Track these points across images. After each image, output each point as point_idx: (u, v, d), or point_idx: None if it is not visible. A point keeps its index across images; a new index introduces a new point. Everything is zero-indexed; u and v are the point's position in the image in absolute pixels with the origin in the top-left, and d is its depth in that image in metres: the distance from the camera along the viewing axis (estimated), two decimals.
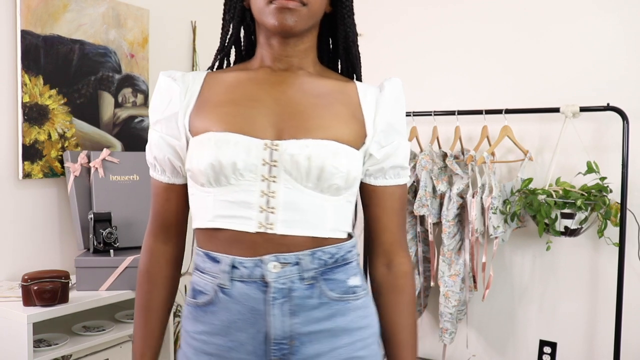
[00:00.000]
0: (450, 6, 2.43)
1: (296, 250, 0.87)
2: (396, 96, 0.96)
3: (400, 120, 0.96)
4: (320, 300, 0.88)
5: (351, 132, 0.91)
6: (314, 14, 0.90)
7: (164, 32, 2.39)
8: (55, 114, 1.97)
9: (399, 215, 0.98)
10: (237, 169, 0.85)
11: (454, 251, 2.18)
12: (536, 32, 2.24)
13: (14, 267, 1.89)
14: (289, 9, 0.85)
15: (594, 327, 2.17)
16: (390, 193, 0.96)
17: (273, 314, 0.86)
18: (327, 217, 0.89)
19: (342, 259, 0.91)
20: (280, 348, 0.87)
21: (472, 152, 2.13)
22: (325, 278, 0.89)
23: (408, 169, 0.98)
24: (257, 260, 0.86)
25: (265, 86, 0.93)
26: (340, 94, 0.94)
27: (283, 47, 0.93)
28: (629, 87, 2.06)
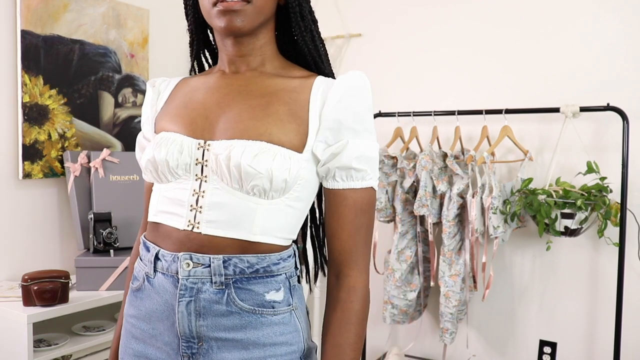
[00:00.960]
0: (450, 6, 2.43)
1: (215, 251, 0.86)
2: (349, 88, 0.87)
3: (352, 117, 0.86)
4: (229, 308, 0.86)
5: (288, 132, 0.86)
6: (260, 10, 0.87)
7: (164, 32, 2.39)
8: (55, 114, 1.97)
9: (352, 223, 0.88)
10: (170, 166, 0.88)
11: (454, 251, 2.18)
12: (536, 32, 2.24)
13: (14, 267, 1.89)
14: (234, 10, 0.84)
15: (594, 327, 2.17)
16: (342, 197, 0.88)
17: (180, 310, 0.87)
18: (255, 221, 0.85)
19: (264, 271, 0.87)
20: (189, 346, 0.87)
21: (472, 152, 2.13)
22: (239, 287, 0.86)
23: (366, 171, 0.87)
24: (174, 255, 0.87)
25: (212, 90, 0.94)
26: (288, 92, 0.89)
27: (237, 47, 0.92)
28: (629, 87, 2.06)
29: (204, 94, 0.94)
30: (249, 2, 0.85)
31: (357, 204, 0.88)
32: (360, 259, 0.89)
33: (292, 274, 0.91)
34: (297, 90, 0.90)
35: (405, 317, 2.30)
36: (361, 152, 0.86)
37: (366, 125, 0.87)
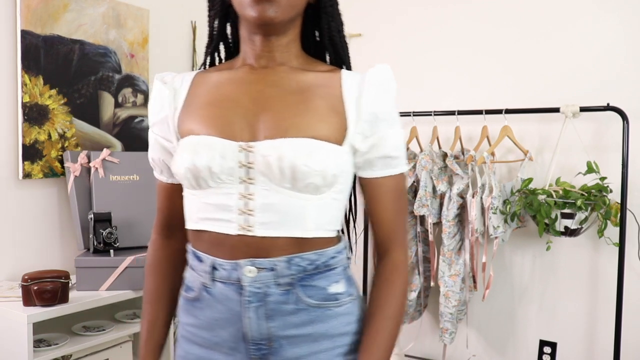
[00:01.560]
0: (450, 6, 2.43)
1: (275, 254, 0.86)
2: (380, 83, 0.89)
3: (386, 108, 0.89)
4: (297, 306, 0.87)
5: (330, 127, 0.87)
6: (294, 4, 0.87)
7: (164, 32, 2.39)
8: (55, 114, 1.97)
9: (393, 207, 0.92)
10: (213, 172, 0.85)
11: (454, 251, 2.18)
12: (536, 32, 2.24)
13: (14, 267, 1.89)
14: (268, 0, 0.83)
15: (594, 327, 2.17)
16: (381, 184, 0.91)
17: (249, 316, 0.87)
18: (308, 217, 0.86)
19: (324, 266, 0.89)
20: (259, 348, 0.88)
21: (472, 152, 2.13)
22: (303, 284, 0.88)
23: (400, 157, 0.91)
24: (234, 264, 0.87)
25: (244, 86, 0.92)
26: (321, 87, 0.90)
27: (265, 43, 0.91)
28: (629, 87, 2.06)
29: (234, 91, 0.92)
30: None
31: (396, 188, 0.93)
32: (402, 238, 0.94)
33: (347, 265, 0.95)
34: (328, 84, 0.90)
35: (405, 317, 2.30)
36: (397, 141, 0.91)
37: (396, 115, 0.92)
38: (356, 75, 0.91)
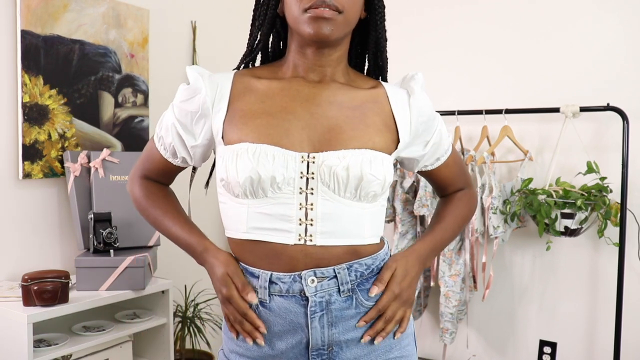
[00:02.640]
0: (450, 7, 2.43)
1: (334, 262, 0.88)
2: (421, 90, 0.99)
3: (430, 110, 1.00)
4: (357, 309, 0.90)
5: (383, 139, 0.93)
6: (349, 21, 0.90)
7: (164, 32, 2.39)
8: (55, 114, 1.97)
9: (459, 169, 1.09)
10: (276, 182, 0.86)
11: (454, 251, 2.18)
12: (536, 32, 2.24)
13: (14, 267, 1.89)
14: (325, 18, 0.85)
15: (594, 327, 2.17)
16: (447, 164, 1.06)
17: (313, 326, 0.88)
18: (365, 225, 0.90)
19: (378, 268, 0.93)
20: (319, 354, 0.90)
21: (472, 152, 2.13)
22: (362, 289, 0.90)
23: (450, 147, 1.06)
24: (295, 276, 0.87)
25: (299, 98, 0.93)
26: (372, 103, 0.96)
27: (317, 56, 0.93)
28: (629, 87, 2.06)
29: (290, 103, 0.92)
30: (340, 12, 0.86)
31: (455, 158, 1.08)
32: (467, 179, 1.11)
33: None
34: (378, 100, 0.96)
35: None
36: (443, 127, 1.04)
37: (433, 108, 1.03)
38: (399, 91, 0.99)
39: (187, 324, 2.33)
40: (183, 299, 2.45)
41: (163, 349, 2.02)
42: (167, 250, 2.41)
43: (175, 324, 2.31)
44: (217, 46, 2.67)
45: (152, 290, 1.92)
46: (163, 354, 2.03)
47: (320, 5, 0.85)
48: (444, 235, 1.03)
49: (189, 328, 2.33)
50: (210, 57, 2.62)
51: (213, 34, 2.65)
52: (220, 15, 2.69)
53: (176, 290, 2.44)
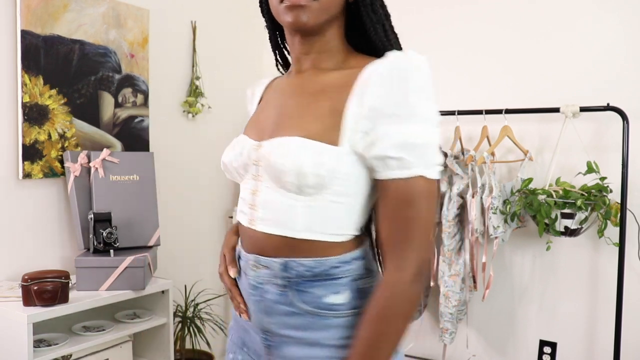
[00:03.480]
0: (450, 7, 2.43)
1: (272, 253, 0.88)
2: (388, 73, 0.81)
3: (391, 102, 0.79)
4: (292, 309, 0.87)
5: (322, 126, 0.84)
6: (326, 7, 0.87)
7: (164, 32, 2.39)
8: (55, 114, 1.97)
9: (392, 216, 0.81)
10: (234, 167, 0.94)
11: (454, 251, 2.18)
12: (536, 32, 2.24)
13: (14, 267, 1.89)
14: (300, 6, 0.85)
15: (594, 327, 2.17)
16: (384, 188, 0.82)
17: (252, 309, 0.93)
18: (297, 217, 0.85)
19: (325, 274, 0.85)
20: (266, 338, 0.92)
21: (472, 152, 2.13)
22: (299, 289, 0.86)
23: (403, 159, 0.79)
24: (246, 256, 0.93)
25: (281, 91, 0.98)
26: (335, 87, 0.87)
27: (304, 45, 0.93)
28: (629, 87, 2.06)
29: (276, 96, 0.99)
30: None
31: (399, 195, 0.80)
32: (400, 255, 0.80)
33: (361, 277, 0.88)
34: (344, 84, 0.86)
35: None
36: (400, 139, 0.78)
37: (412, 109, 0.79)
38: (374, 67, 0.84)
39: (187, 324, 2.33)
40: (183, 299, 2.45)
41: (163, 349, 2.02)
42: (167, 250, 2.41)
43: (175, 324, 2.31)
44: (217, 46, 2.67)
45: (152, 290, 1.92)
46: (163, 354, 2.03)
47: None
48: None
49: (189, 328, 2.33)
50: (210, 57, 2.63)
51: (213, 34, 2.65)
52: (220, 15, 2.69)
53: (176, 290, 2.44)
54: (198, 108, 2.49)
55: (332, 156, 0.82)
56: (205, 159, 2.63)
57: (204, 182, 2.64)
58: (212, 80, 2.64)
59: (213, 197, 2.70)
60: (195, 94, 2.50)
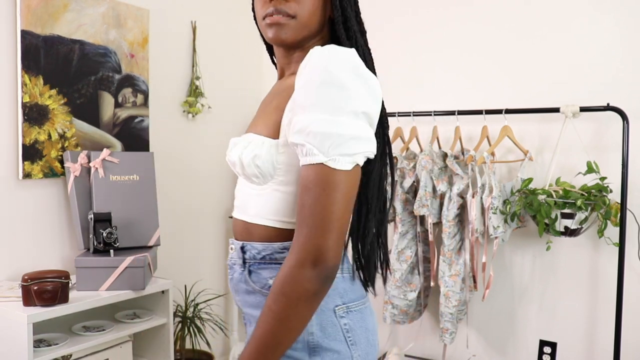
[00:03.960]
0: (450, 7, 2.43)
1: (239, 237, 0.99)
2: (303, 67, 0.86)
3: (301, 93, 0.84)
4: (248, 287, 0.96)
5: (268, 122, 0.93)
6: (304, 24, 0.94)
7: (164, 32, 2.39)
8: (55, 114, 1.97)
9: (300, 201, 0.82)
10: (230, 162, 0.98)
11: (454, 251, 2.18)
12: (536, 32, 2.24)
13: (14, 267, 1.89)
14: (279, 24, 0.92)
15: (594, 327, 2.17)
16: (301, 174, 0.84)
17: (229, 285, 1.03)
18: (250, 204, 0.95)
19: (270, 258, 0.93)
20: (243, 316, 1.02)
21: (472, 152, 2.13)
22: (252, 270, 0.96)
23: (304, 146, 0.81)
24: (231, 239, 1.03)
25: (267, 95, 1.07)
26: (288, 87, 0.94)
27: (286, 57, 1.01)
28: (628, 87, 2.06)
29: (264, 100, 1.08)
30: (293, 17, 0.92)
31: (302, 181, 0.83)
32: (295, 239, 0.82)
33: None
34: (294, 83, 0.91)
35: (406, 317, 2.30)
36: (301, 126, 0.82)
37: (313, 100, 0.82)
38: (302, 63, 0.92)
39: (187, 324, 2.33)
40: (183, 299, 2.45)
41: (163, 349, 2.02)
42: (167, 250, 2.41)
43: (175, 324, 2.31)
44: (217, 46, 2.67)
45: (152, 290, 1.92)
46: (163, 354, 2.03)
47: (273, 13, 0.92)
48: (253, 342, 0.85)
49: (189, 328, 2.33)
50: (210, 57, 2.63)
51: (213, 34, 2.65)
52: (220, 15, 2.69)
53: (176, 290, 2.44)
54: (198, 108, 2.49)
55: (268, 148, 0.90)
56: (205, 159, 2.63)
57: (204, 182, 2.64)
58: (212, 80, 2.64)
59: (213, 197, 2.70)
60: (195, 94, 2.50)
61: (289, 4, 0.92)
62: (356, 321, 0.94)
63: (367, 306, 0.99)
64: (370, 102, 0.85)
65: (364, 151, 0.83)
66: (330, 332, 0.90)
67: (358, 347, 0.93)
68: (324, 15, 0.96)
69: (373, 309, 1.02)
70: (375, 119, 0.87)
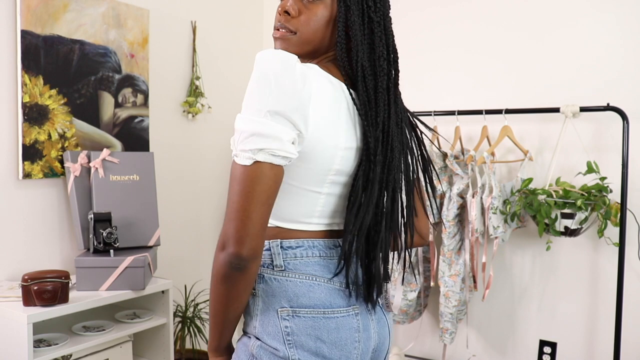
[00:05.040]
0: (450, 7, 2.43)
1: None
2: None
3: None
4: None
5: None
6: (305, 41, 0.98)
7: (164, 32, 2.39)
8: (55, 114, 1.97)
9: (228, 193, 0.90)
10: None
11: (454, 251, 2.18)
12: (536, 32, 2.24)
13: (14, 267, 1.89)
14: (282, 38, 0.99)
15: (594, 327, 2.17)
16: None
17: None
18: None
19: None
20: None
21: (472, 152, 2.13)
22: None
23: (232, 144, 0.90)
24: None
25: None
26: None
27: None
28: (628, 87, 2.06)
29: None
30: (294, 33, 0.98)
31: (232, 174, 0.89)
32: (223, 228, 0.89)
33: (266, 265, 0.96)
34: None
35: (406, 317, 2.30)
36: (236, 123, 0.89)
37: (244, 101, 0.89)
38: None
39: (187, 324, 2.33)
40: (183, 299, 2.45)
41: (163, 349, 2.02)
42: (167, 250, 2.41)
43: (175, 324, 2.31)
44: (217, 46, 2.67)
45: (152, 290, 1.92)
46: (163, 354, 2.03)
47: (279, 27, 0.99)
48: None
49: (189, 328, 2.33)
50: (210, 57, 2.63)
51: (213, 34, 2.65)
52: (220, 15, 2.69)
53: (176, 290, 2.44)
54: (198, 108, 2.49)
55: None
56: (205, 159, 2.63)
57: (204, 182, 2.64)
58: (212, 80, 2.64)
59: (213, 197, 2.70)
60: (195, 94, 2.50)
61: (292, 21, 0.98)
62: (303, 327, 0.92)
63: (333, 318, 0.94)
64: (286, 101, 0.86)
65: (265, 148, 0.85)
66: (270, 331, 0.93)
67: (300, 351, 0.91)
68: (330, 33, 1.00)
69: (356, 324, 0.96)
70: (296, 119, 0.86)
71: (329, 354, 0.92)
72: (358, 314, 0.96)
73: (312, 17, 0.97)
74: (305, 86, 0.88)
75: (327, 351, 0.92)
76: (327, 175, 0.94)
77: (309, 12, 0.98)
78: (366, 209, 0.95)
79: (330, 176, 0.94)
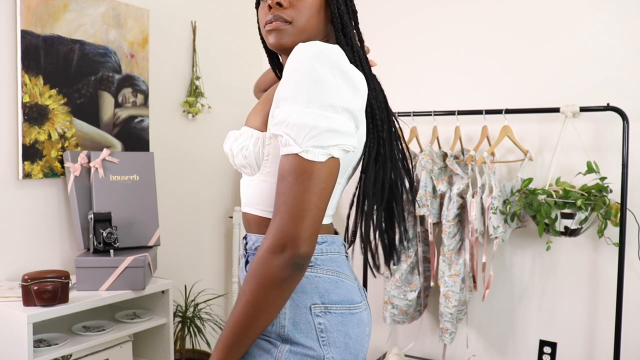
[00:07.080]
0: (450, 7, 2.43)
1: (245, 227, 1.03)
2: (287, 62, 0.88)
3: (282, 86, 0.87)
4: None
5: (258, 117, 0.98)
6: (302, 29, 0.98)
7: (164, 32, 2.39)
8: (55, 114, 1.97)
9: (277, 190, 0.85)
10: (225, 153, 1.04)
11: (454, 251, 2.18)
12: (536, 32, 2.24)
13: (14, 267, 1.89)
14: (277, 30, 0.97)
15: (594, 327, 2.17)
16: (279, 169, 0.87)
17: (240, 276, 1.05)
18: (244, 194, 1.01)
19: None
20: None
21: (472, 152, 2.13)
22: (249, 260, 1.01)
23: (282, 136, 0.84)
24: None
25: None
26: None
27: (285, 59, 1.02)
28: (629, 87, 2.06)
29: None
30: (290, 22, 0.97)
31: (279, 170, 0.85)
32: (270, 225, 0.84)
33: None
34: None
35: (406, 317, 2.30)
36: (280, 118, 0.85)
37: (292, 92, 0.85)
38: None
39: (187, 324, 2.33)
40: (183, 299, 2.45)
41: (163, 349, 2.02)
42: (167, 250, 2.41)
43: (175, 324, 2.31)
44: (217, 46, 2.67)
45: (152, 290, 1.92)
46: (163, 354, 2.03)
47: (272, 20, 0.98)
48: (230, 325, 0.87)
49: (189, 328, 2.33)
50: (210, 57, 2.63)
51: (213, 34, 2.65)
52: (220, 15, 2.69)
53: (176, 290, 2.44)
54: (198, 108, 2.49)
55: (256, 140, 0.95)
56: (205, 159, 2.63)
57: (203, 182, 2.64)
58: (212, 80, 2.64)
59: (213, 197, 2.70)
60: (195, 94, 2.50)
61: (286, 11, 0.97)
62: (334, 324, 0.92)
63: (356, 313, 0.95)
64: (352, 98, 0.87)
65: (340, 144, 0.84)
66: (302, 328, 0.90)
67: (332, 349, 0.90)
68: (323, 20, 1.00)
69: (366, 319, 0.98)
70: (359, 115, 0.89)
71: (353, 349, 0.94)
72: (366, 309, 1.01)
73: (304, 5, 0.97)
74: (364, 84, 0.91)
75: (352, 346, 0.93)
76: (349, 165, 0.98)
77: (300, 1, 0.98)
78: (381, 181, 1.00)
79: (351, 167, 0.99)
